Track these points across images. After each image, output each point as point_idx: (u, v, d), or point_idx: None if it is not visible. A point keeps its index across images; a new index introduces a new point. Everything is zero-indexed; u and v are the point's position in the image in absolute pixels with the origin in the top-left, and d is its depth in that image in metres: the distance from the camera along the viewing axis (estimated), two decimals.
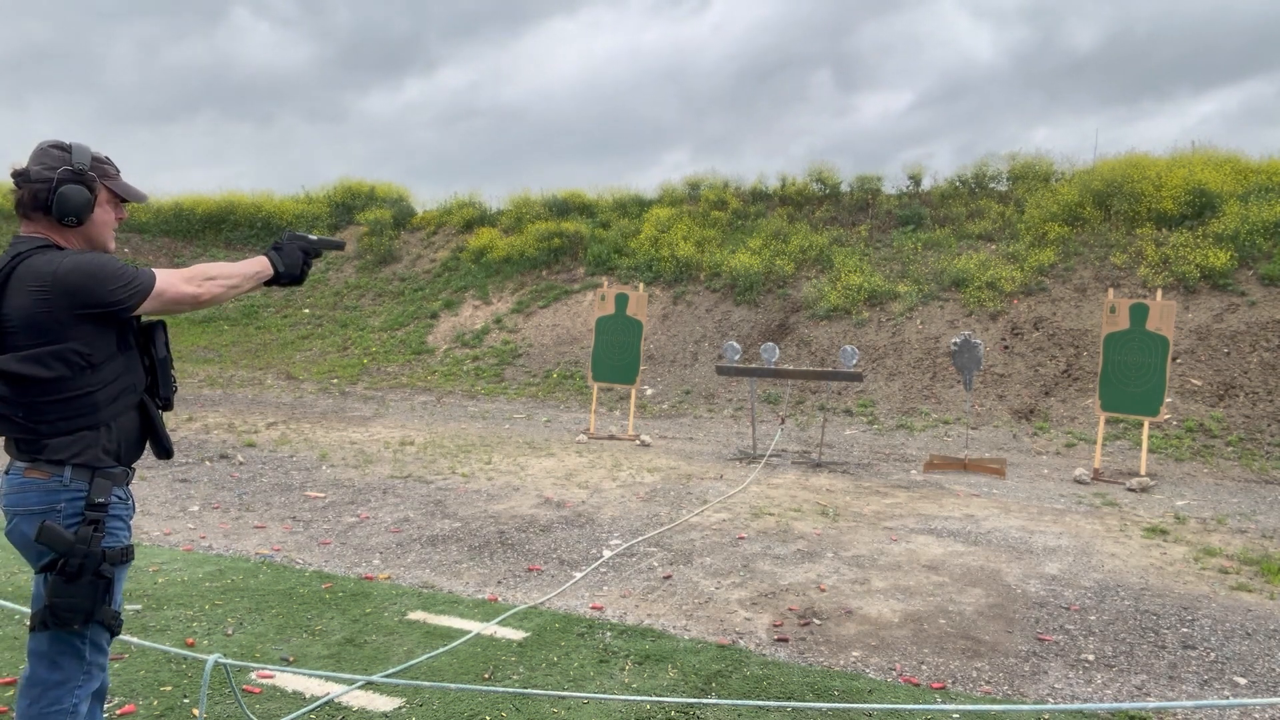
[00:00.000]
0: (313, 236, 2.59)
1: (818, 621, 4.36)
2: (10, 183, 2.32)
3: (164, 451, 2.41)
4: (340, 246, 2.74)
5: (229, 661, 3.18)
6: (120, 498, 2.29)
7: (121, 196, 2.35)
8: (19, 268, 2.15)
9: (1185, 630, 4.36)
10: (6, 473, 2.24)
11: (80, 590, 2.15)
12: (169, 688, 3.39)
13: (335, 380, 14.34)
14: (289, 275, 2.50)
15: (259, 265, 2.44)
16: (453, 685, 3.23)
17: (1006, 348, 12.15)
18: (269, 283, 2.49)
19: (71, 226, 2.23)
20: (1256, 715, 3.48)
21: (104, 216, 2.30)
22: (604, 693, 3.42)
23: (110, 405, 2.24)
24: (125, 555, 2.26)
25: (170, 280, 2.24)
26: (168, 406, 2.42)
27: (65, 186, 2.19)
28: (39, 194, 2.19)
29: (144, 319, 2.31)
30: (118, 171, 2.36)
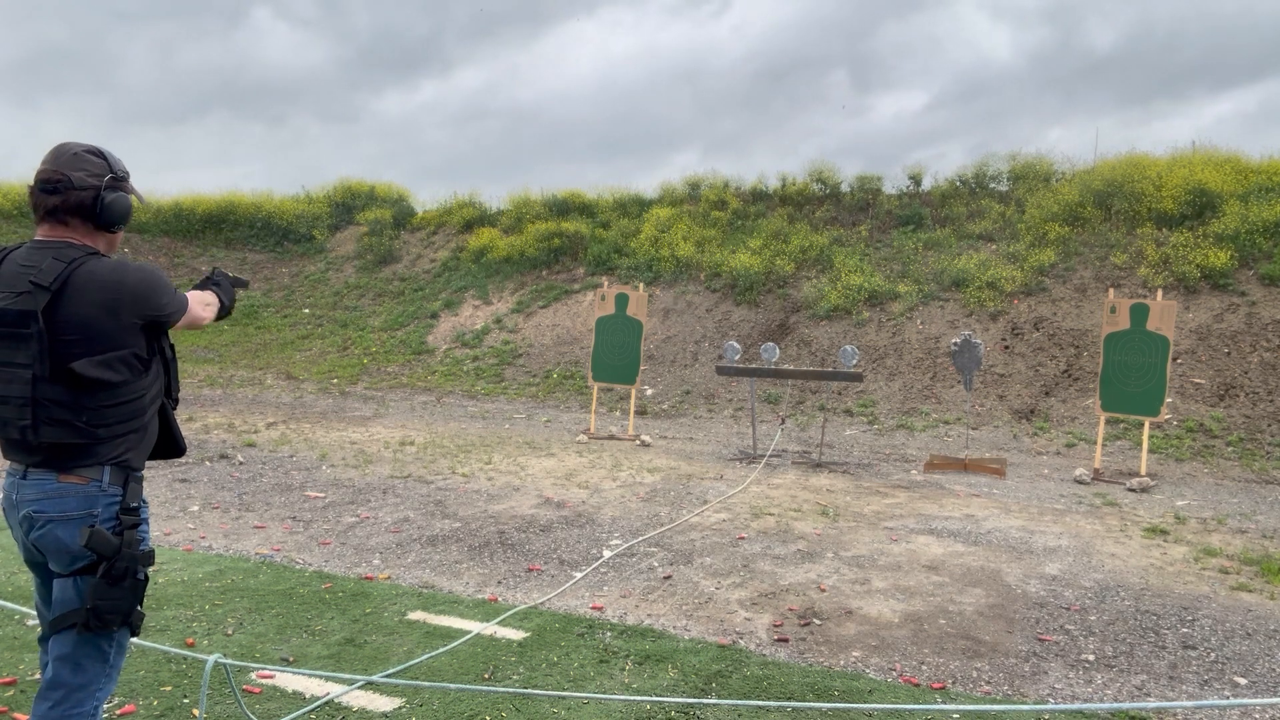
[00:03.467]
0: (230, 274, 2.82)
1: (818, 621, 4.36)
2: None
3: (179, 449, 2.48)
4: (245, 285, 3.00)
5: (229, 661, 3.18)
6: (145, 502, 2.35)
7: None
8: (77, 274, 2.15)
9: (1185, 630, 4.36)
10: (23, 478, 2.22)
11: (122, 592, 2.19)
12: (169, 688, 3.39)
13: (335, 380, 14.34)
14: (227, 309, 2.71)
15: (214, 297, 2.65)
16: (453, 685, 3.23)
17: (1007, 348, 12.15)
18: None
19: (115, 233, 2.32)
20: (1256, 715, 3.48)
21: None
22: (604, 693, 3.42)
23: (151, 407, 2.33)
24: (150, 558, 2.30)
25: (193, 302, 2.45)
26: (175, 405, 2.49)
27: (114, 195, 2.25)
28: (85, 201, 2.21)
29: None
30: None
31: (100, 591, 2.16)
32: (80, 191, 2.20)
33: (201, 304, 2.51)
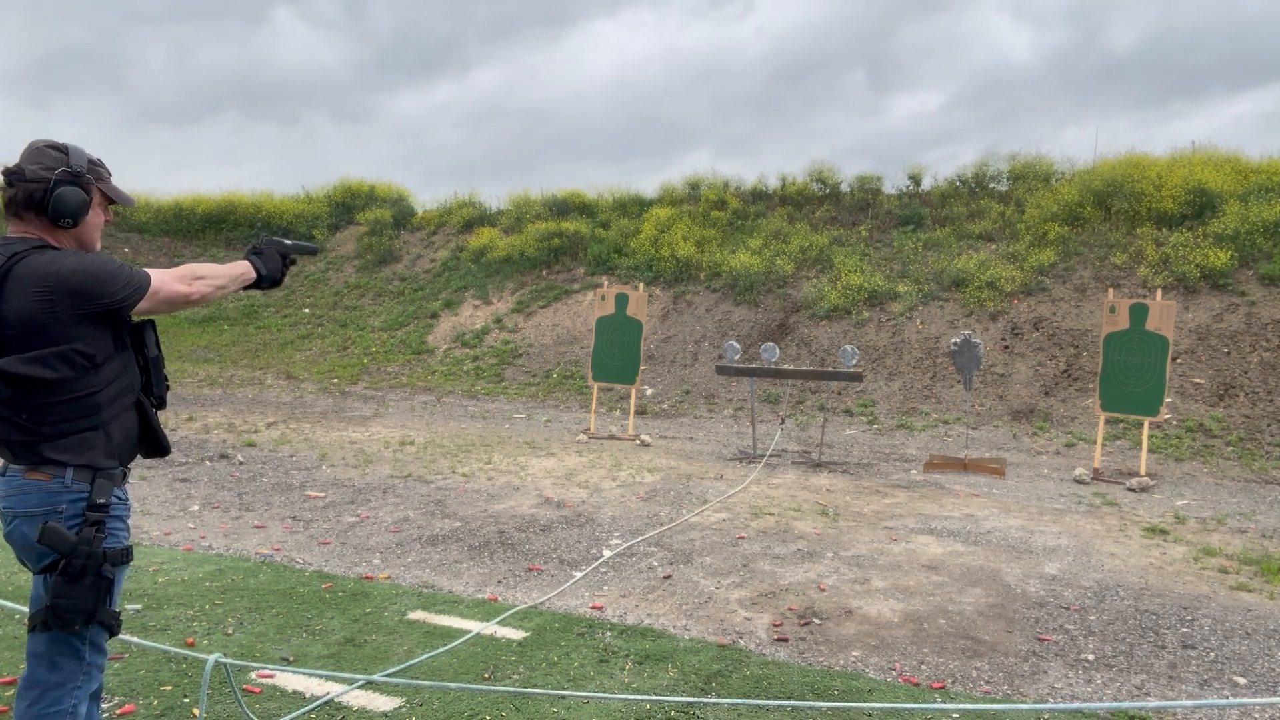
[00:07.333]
0: (288, 241, 2.65)
1: (818, 621, 4.36)
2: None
3: (161, 449, 2.42)
4: (314, 252, 2.83)
5: (229, 661, 3.18)
6: (120, 498, 2.29)
7: (110, 199, 2.36)
8: (16, 268, 2.13)
9: (1185, 630, 4.36)
10: (3, 475, 2.23)
11: (82, 591, 2.15)
12: (169, 687, 3.39)
13: (335, 380, 14.34)
14: (270, 279, 2.57)
15: (243, 268, 2.50)
16: (453, 685, 3.23)
17: (1006, 348, 12.15)
18: (250, 286, 2.54)
19: (67, 228, 2.23)
20: (1256, 715, 3.48)
21: (95, 219, 2.31)
22: (604, 692, 3.42)
23: (111, 405, 2.24)
24: (125, 556, 2.26)
25: (164, 279, 2.26)
26: (161, 405, 2.43)
27: (63, 188, 2.19)
28: (34, 194, 2.17)
29: (135, 318, 2.32)
30: (109, 174, 2.37)
31: (59, 589, 2.13)
32: (31, 184, 2.17)
33: (184, 277, 2.29)
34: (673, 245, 15.93)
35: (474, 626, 4.11)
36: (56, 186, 2.19)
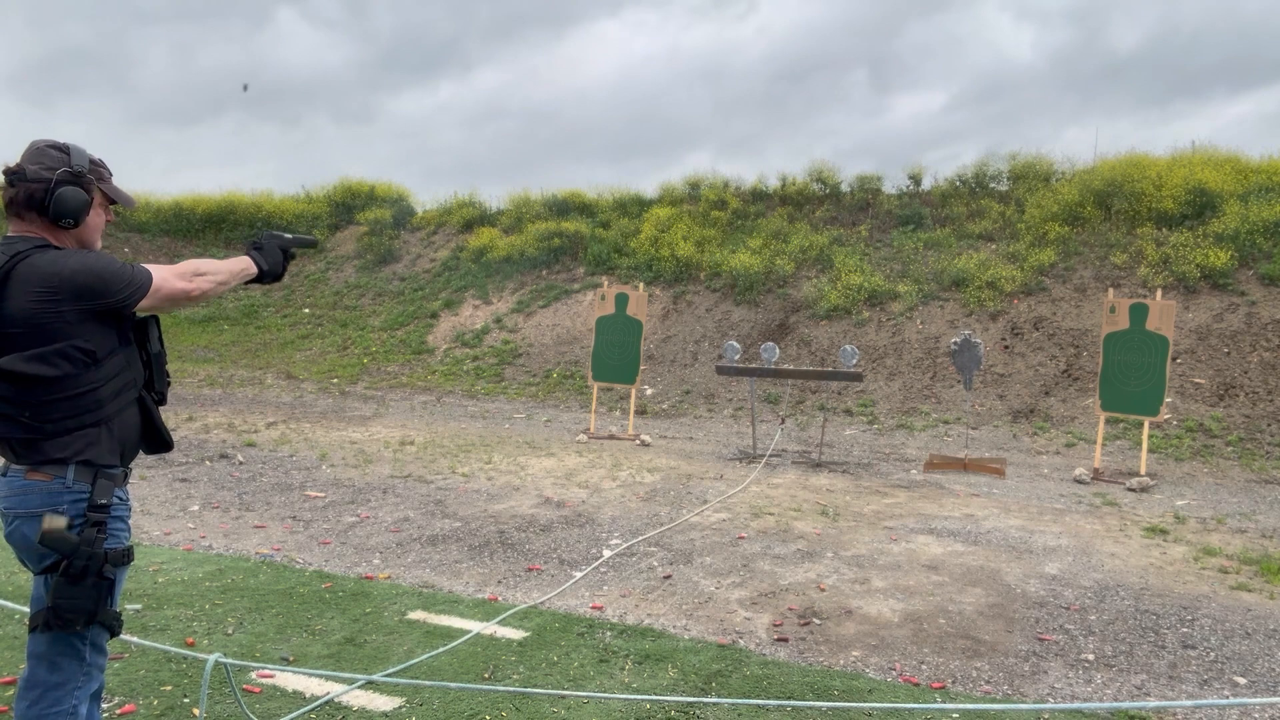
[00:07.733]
0: (288, 235, 2.63)
1: (818, 621, 4.36)
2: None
3: (164, 445, 2.42)
4: (313, 244, 2.81)
5: (229, 661, 3.18)
6: (121, 498, 2.29)
7: (111, 199, 2.36)
8: (19, 268, 2.13)
9: (1185, 630, 4.36)
10: (4, 474, 2.23)
11: (84, 592, 2.15)
12: (169, 687, 3.39)
13: (335, 380, 14.34)
14: (271, 274, 2.56)
15: (244, 264, 2.50)
16: (453, 685, 3.23)
17: (1006, 347, 12.15)
18: (252, 281, 2.54)
19: (68, 228, 2.23)
20: (1256, 715, 3.48)
21: (96, 219, 2.31)
22: (604, 692, 3.42)
23: (113, 401, 2.25)
24: (126, 556, 2.26)
25: (165, 276, 2.27)
26: (162, 401, 2.43)
27: (64, 188, 2.19)
28: (35, 193, 2.18)
29: (138, 315, 2.32)
30: (110, 174, 2.37)
31: (60, 590, 2.14)
32: (31, 184, 2.17)
33: (185, 274, 2.29)
34: (673, 245, 15.93)
35: (474, 626, 4.11)
36: (57, 187, 2.19)
